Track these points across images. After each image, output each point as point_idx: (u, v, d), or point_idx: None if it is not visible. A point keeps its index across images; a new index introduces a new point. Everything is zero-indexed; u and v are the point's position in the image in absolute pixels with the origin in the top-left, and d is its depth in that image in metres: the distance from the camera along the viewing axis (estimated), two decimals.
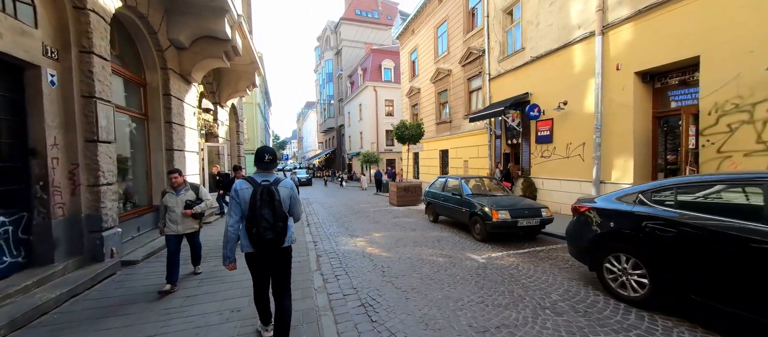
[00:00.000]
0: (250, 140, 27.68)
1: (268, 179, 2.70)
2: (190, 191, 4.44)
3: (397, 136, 13.98)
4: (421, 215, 10.68)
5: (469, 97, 14.56)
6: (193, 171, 9.14)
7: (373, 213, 11.64)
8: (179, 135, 8.14)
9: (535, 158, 10.38)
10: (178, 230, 4.30)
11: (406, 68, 22.01)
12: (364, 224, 9.38)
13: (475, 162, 13.93)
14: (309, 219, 10.91)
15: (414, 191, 13.71)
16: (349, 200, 16.89)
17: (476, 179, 8.39)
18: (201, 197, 4.51)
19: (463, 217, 7.44)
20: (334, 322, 3.46)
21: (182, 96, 8.37)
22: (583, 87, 8.58)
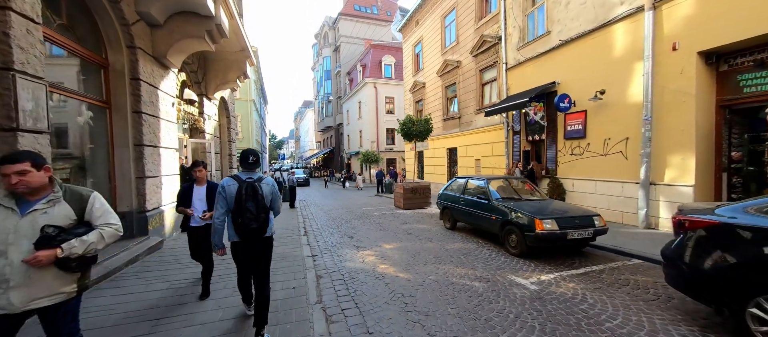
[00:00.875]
0: (244, 139, 26.36)
1: (252, 177, 3.01)
2: (60, 206, 1.97)
3: (403, 133, 12.73)
4: (434, 221, 9.44)
5: (482, 90, 13.33)
6: (171, 170, 7.85)
7: (379, 218, 10.39)
8: (152, 128, 6.84)
9: (563, 156, 9.16)
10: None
11: (410, 62, 20.77)
12: (370, 232, 8.12)
13: (489, 161, 12.71)
14: (306, 224, 9.64)
15: (422, 193, 12.46)
16: (349, 202, 15.62)
17: (502, 181, 7.15)
18: (89, 217, 2.06)
19: (491, 226, 6.20)
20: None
21: (156, 82, 7.07)
22: (626, 73, 7.37)
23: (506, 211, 5.75)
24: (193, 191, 4.02)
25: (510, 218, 5.60)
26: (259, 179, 3.01)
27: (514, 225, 5.48)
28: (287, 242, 7.06)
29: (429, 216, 10.44)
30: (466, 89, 14.31)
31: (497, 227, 5.99)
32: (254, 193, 2.89)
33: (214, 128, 11.90)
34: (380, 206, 13.49)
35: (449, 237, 7.21)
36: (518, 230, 5.39)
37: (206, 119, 10.81)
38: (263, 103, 44.65)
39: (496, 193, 6.46)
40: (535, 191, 6.99)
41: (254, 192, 2.89)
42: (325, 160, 49.15)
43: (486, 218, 6.34)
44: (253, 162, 3.06)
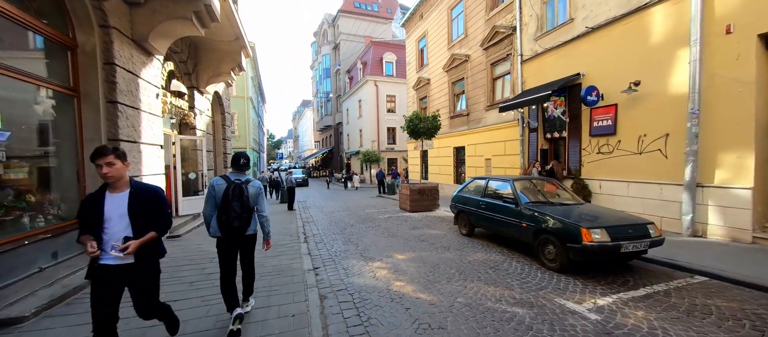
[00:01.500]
0: (240, 138, 25.46)
1: (240, 178, 3.20)
2: None
3: (409, 130, 11.90)
4: (447, 226, 8.62)
5: (493, 85, 12.52)
6: (155, 170, 7.00)
7: (384, 222, 9.55)
8: (131, 121, 5.99)
9: (588, 155, 8.35)
10: None
11: (413, 58, 19.95)
12: (377, 238, 7.29)
13: (501, 160, 11.90)
14: (306, 229, 8.80)
15: (430, 195, 11.64)
16: (350, 203, 14.78)
17: (527, 182, 6.31)
18: None
19: (521, 234, 5.38)
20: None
21: (137, 69, 6.22)
22: (666, 61, 6.56)
23: (540, 217, 4.93)
24: (105, 203, 2.23)
25: (546, 226, 4.78)
26: (247, 181, 3.21)
27: (552, 234, 4.66)
28: (285, 250, 6.22)
29: (439, 220, 9.61)
30: (475, 84, 13.50)
31: (529, 236, 5.17)
32: (240, 193, 3.10)
33: (206, 125, 11.04)
34: (384, 208, 12.66)
35: (468, 245, 6.38)
36: (557, 240, 4.57)
37: (197, 114, 9.95)
38: (261, 102, 43.72)
39: (524, 196, 5.63)
40: (567, 193, 6.17)
41: (240, 193, 3.10)
42: (324, 160, 48.29)
43: (514, 225, 5.51)
44: (244, 165, 3.28)
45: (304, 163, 53.72)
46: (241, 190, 3.10)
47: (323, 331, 3.17)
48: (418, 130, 11.71)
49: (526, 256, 5.51)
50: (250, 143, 26.16)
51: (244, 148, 25.74)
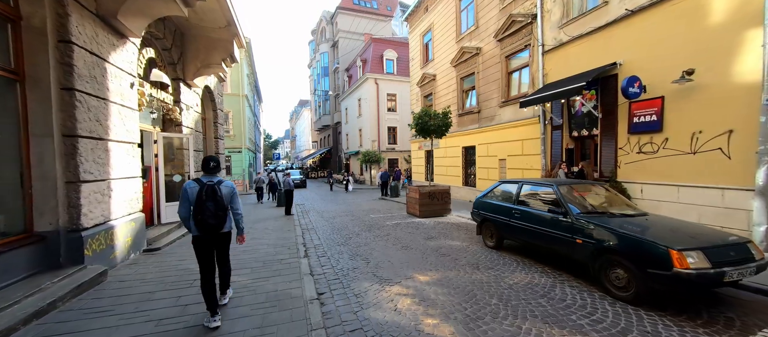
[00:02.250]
0: (236, 137, 24.34)
1: (212, 180, 3.42)
2: None
3: (418, 128, 10.90)
4: (465, 234, 7.62)
5: (508, 79, 11.55)
6: (129, 171, 5.94)
7: (393, 229, 8.54)
8: (95, 113, 4.95)
9: (626, 155, 7.39)
10: None
11: (417, 53, 18.96)
12: (389, 251, 6.28)
13: (518, 161, 10.92)
14: (305, 238, 7.78)
15: (441, 199, 10.64)
16: (352, 206, 13.75)
17: (572, 186, 5.30)
18: None
19: (574, 251, 4.39)
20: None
21: (104, 52, 5.18)
22: (730, 45, 5.61)
23: (602, 233, 3.94)
24: None
25: (612, 245, 3.79)
26: (219, 182, 3.42)
27: (622, 255, 3.67)
28: (282, 269, 5.19)
29: (455, 227, 8.61)
30: (487, 79, 12.53)
31: (585, 255, 4.18)
32: (214, 194, 3.33)
33: (195, 122, 9.98)
34: (390, 213, 11.65)
35: (500, 262, 5.38)
36: (631, 263, 3.57)
37: (184, 109, 8.89)
38: (258, 101, 42.53)
39: (575, 207, 4.62)
40: (618, 199, 5.18)
41: (214, 193, 3.33)
42: (322, 160, 47.19)
43: (562, 241, 4.52)
44: (213, 167, 3.50)
45: (301, 164, 52.59)
46: (213, 191, 3.32)
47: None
48: (427, 128, 10.71)
49: (578, 278, 4.52)
50: (245, 143, 25.04)
51: (240, 148, 24.62)
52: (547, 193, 5.12)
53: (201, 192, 3.27)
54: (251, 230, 8.67)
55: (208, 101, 12.61)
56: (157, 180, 7.88)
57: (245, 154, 25.36)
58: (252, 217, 11.00)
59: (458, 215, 10.57)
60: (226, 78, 23.48)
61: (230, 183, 3.56)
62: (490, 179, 12.47)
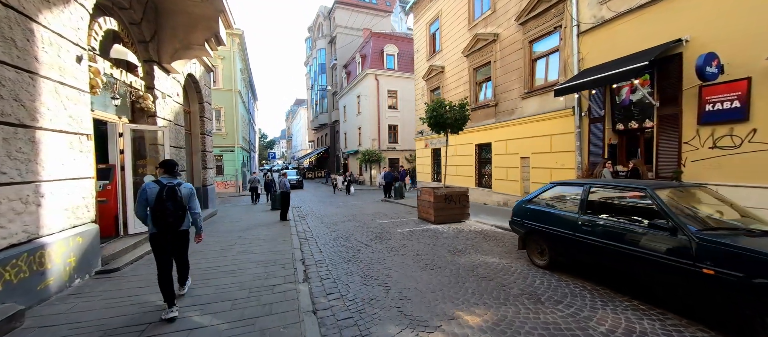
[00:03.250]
0: (228, 135, 22.85)
1: (172, 181, 3.60)
2: None
3: (432, 122, 9.56)
4: (499, 246, 6.30)
5: (532, 67, 10.26)
6: (75, 171, 4.55)
7: (408, 239, 7.21)
8: (12, 90, 3.56)
9: (693, 150, 6.11)
10: None
11: (423, 45, 17.65)
12: (412, 272, 4.94)
13: (545, 159, 9.63)
14: (304, 250, 6.42)
15: (459, 202, 9.32)
16: (354, 209, 12.38)
17: (676, 190, 3.92)
18: None
19: (695, 285, 3.06)
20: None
21: (29, 8, 3.79)
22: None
23: (760, 261, 2.62)
24: None
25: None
26: (179, 184, 3.64)
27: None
28: (273, 300, 3.84)
29: (481, 237, 7.28)
30: (506, 68, 11.23)
31: (723, 293, 2.85)
32: (174, 194, 3.52)
33: (175, 114, 8.57)
34: (399, 218, 10.31)
35: (566, 292, 4.06)
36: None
37: (159, 97, 7.49)
38: (252, 99, 40.99)
39: (690, 223, 3.26)
40: (729, 207, 3.86)
41: (174, 194, 3.53)
42: (319, 160, 45.77)
43: (672, 269, 3.18)
44: (175, 169, 3.75)
45: (298, 164, 51.10)
46: (173, 191, 3.53)
47: None
48: (443, 121, 9.36)
49: (696, 322, 3.21)
50: (238, 142, 23.55)
51: (232, 147, 23.13)
52: (635, 199, 3.81)
53: (161, 193, 3.45)
54: (239, 240, 7.29)
55: (193, 93, 11.20)
56: (124, 182, 6.47)
57: (238, 153, 23.88)
58: (242, 223, 9.61)
59: (478, 220, 9.26)
60: (218, 71, 22.07)
61: (189, 185, 3.80)
62: (510, 179, 11.18)
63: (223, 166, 22.95)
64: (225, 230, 8.50)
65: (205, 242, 7.14)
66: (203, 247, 6.66)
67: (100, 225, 5.91)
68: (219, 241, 7.23)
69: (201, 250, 6.40)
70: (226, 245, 6.80)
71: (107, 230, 6.36)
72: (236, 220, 10.38)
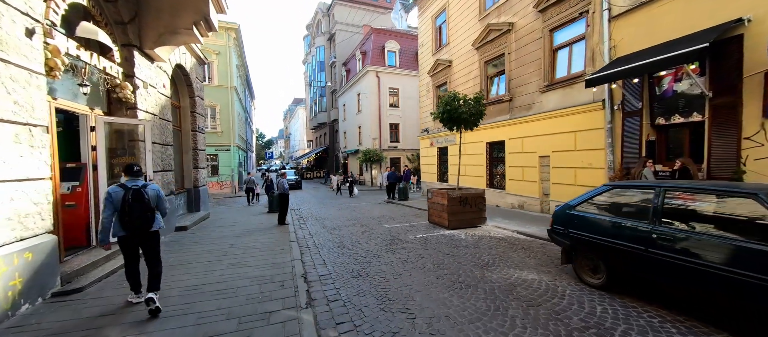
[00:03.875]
0: (224, 134, 21.89)
1: (137, 184, 3.61)
2: None
3: (445, 118, 8.68)
4: (530, 257, 5.46)
5: (553, 57, 9.43)
6: (22, 171, 3.67)
7: (424, 247, 6.35)
8: None
9: (757, 147, 5.31)
10: None
11: (428, 39, 16.82)
12: (438, 292, 4.09)
13: (569, 158, 8.80)
14: (306, 262, 5.55)
15: (475, 205, 8.48)
16: (357, 212, 11.51)
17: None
18: None
19: None
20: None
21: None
22: None
23: None
24: None
25: None
26: (145, 186, 3.65)
27: None
28: (270, 336, 2.97)
29: (506, 245, 6.43)
30: (522, 60, 10.40)
31: None
32: (141, 197, 3.53)
33: (160, 107, 7.67)
34: (407, 222, 9.46)
35: (642, 323, 3.21)
36: None
37: (140, 88, 6.59)
38: (249, 97, 40.01)
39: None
40: None
41: (141, 196, 3.54)
42: (317, 160, 44.89)
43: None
44: (137, 171, 3.72)
45: (296, 164, 50.16)
46: (140, 194, 3.54)
47: None
48: (458, 116, 8.49)
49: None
50: (235, 141, 22.61)
51: (228, 146, 22.17)
52: (741, 207, 2.96)
53: (126, 196, 3.47)
54: (232, 248, 6.41)
55: (183, 86, 10.30)
56: (96, 183, 5.57)
57: (234, 152, 22.94)
58: (237, 228, 8.72)
59: (496, 225, 8.43)
60: (213, 66, 21.10)
61: (156, 186, 3.81)
62: (527, 180, 10.35)
63: (219, 166, 22.00)
64: (216, 237, 7.62)
65: (193, 251, 6.26)
66: (189, 257, 5.77)
67: (67, 234, 5.06)
68: (208, 250, 6.35)
69: (186, 262, 5.52)
70: (215, 256, 5.92)
71: (76, 240, 5.47)
72: (230, 224, 9.49)
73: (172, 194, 8.29)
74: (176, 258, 5.77)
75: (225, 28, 21.62)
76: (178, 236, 7.72)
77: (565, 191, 8.93)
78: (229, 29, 21.95)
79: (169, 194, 8.13)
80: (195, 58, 10.68)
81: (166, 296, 3.98)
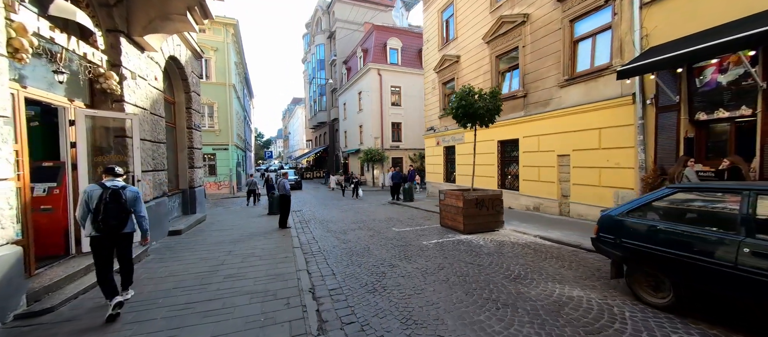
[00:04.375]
0: (222, 132, 21.21)
1: (117, 184, 3.62)
2: None
3: (459, 113, 8.04)
4: (566, 268, 4.85)
5: (573, 49, 8.83)
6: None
7: (441, 255, 5.73)
8: None
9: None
10: None
11: (434, 34, 16.21)
12: (471, 313, 3.48)
13: (593, 157, 8.20)
14: (312, 269, 4.95)
15: (492, 207, 7.87)
16: (363, 214, 10.88)
17: None
18: None
19: None
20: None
21: None
22: None
23: None
24: None
25: None
26: (123, 187, 3.65)
27: None
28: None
29: (533, 252, 5.82)
30: (539, 53, 9.80)
31: None
32: (118, 197, 3.53)
33: (151, 101, 7.03)
34: (417, 224, 8.84)
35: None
36: None
37: (128, 79, 5.95)
38: (248, 96, 39.32)
39: None
40: None
41: (118, 196, 3.53)
42: (317, 160, 44.25)
43: None
44: (117, 173, 3.73)
45: (295, 164, 49.48)
46: (118, 194, 3.53)
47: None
48: (474, 111, 7.87)
49: None
50: (233, 140, 21.94)
51: (226, 145, 21.50)
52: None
53: (103, 195, 3.44)
54: (229, 256, 5.78)
55: (178, 80, 9.65)
56: (76, 184, 4.93)
57: (233, 151, 22.27)
58: (235, 232, 8.09)
59: (514, 229, 7.82)
60: (210, 63, 20.41)
61: (135, 189, 3.81)
62: (543, 180, 9.75)
63: (217, 166, 21.33)
64: (213, 242, 6.99)
65: (185, 260, 5.63)
66: (180, 268, 5.14)
67: (42, 242, 4.46)
68: (202, 258, 5.71)
69: (176, 273, 4.88)
70: (210, 265, 5.29)
71: (55, 247, 4.86)
72: (228, 227, 8.86)
73: (164, 195, 7.65)
74: (165, 269, 5.13)
75: (223, 24, 20.96)
76: (171, 241, 7.08)
77: (587, 193, 8.33)
78: (228, 25, 21.29)
79: (162, 195, 7.50)
80: (191, 51, 10.05)
81: (150, 319, 3.36)
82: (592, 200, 8.19)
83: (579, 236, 6.67)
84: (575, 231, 7.21)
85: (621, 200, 7.48)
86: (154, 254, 6.04)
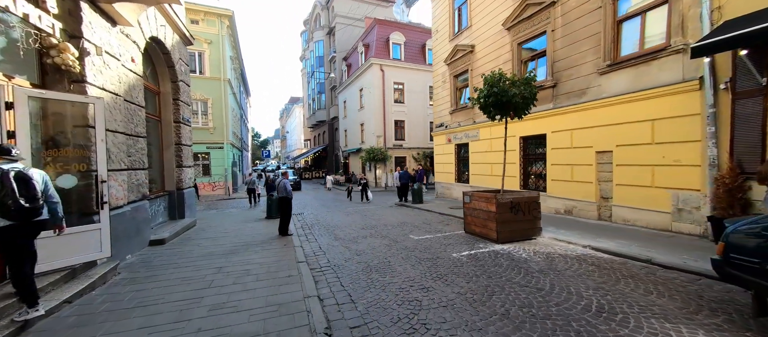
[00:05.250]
0: (216, 130, 19.95)
1: (16, 166, 3.18)
2: None
3: (489, 103, 6.89)
4: (648, 288, 3.74)
5: (617, 30, 7.72)
6: None
7: (483, 274, 4.60)
8: None
9: None
10: None
11: (444, 24, 15.09)
12: None
13: (641, 153, 7.09)
14: (323, 293, 3.81)
15: (529, 212, 6.75)
16: (372, 218, 9.72)
17: None
18: None
19: None
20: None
21: None
22: None
23: None
24: None
25: None
26: (25, 169, 3.22)
27: None
28: None
29: (596, 268, 4.69)
30: (572, 37, 8.70)
31: None
32: (24, 178, 3.12)
33: (125, 86, 5.84)
34: (435, 230, 7.70)
35: None
36: None
37: (92, 55, 4.76)
38: (244, 94, 38.01)
39: None
40: None
41: (24, 177, 3.13)
42: (316, 159, 43.02)
43: None
44: (12, 155, 3.24)
45: (293, 164, 48.20)
46: (23, 175, 3.13)
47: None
48: (508, 99, 6.72)
49: None
50: (228, 138, 20.68)
51: (221, 143, 20.27)
52: None
53: (4, 178, 3.01)
54: (218, 275, 4.61)
55: (163, 67, 8.45)
56: None
57: (228, 150, 21.04)
58: (228, 240, 6.91)
59: (553, 237, 6.71)
60: (204, 57, 19.15)
61: (40, 171, 3.43)
62: (578, 180, 8.65)
63: (211, 166, 20.11)
64: (201, 255, 5.82)
65: (163, 281, 4.45)
66: (155, 293, 3.96)
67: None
68: (185, 278, 4.54)
69: (148, 303, 3.71)
70: (194, 289, 4.12)
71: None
72: (221, 234, 7.69)
73: (144, 198, 6.47)
74: (135, 296, 3.96)
75: (217, 14, 19.75)
76: (151, 253, 5.90)
77: (635, 195, 7.24)
78: (223, 16, 20.09)
79: (141, 198, 6.31)
80: (179, 35, 8.86)
81: None
82: (642, 203, 7.09)
83: (639, 247, 5.55)
84: (629, 240, 6.09)
85: (681, 204, 6.38)
86: (126, 271, 4.87)
